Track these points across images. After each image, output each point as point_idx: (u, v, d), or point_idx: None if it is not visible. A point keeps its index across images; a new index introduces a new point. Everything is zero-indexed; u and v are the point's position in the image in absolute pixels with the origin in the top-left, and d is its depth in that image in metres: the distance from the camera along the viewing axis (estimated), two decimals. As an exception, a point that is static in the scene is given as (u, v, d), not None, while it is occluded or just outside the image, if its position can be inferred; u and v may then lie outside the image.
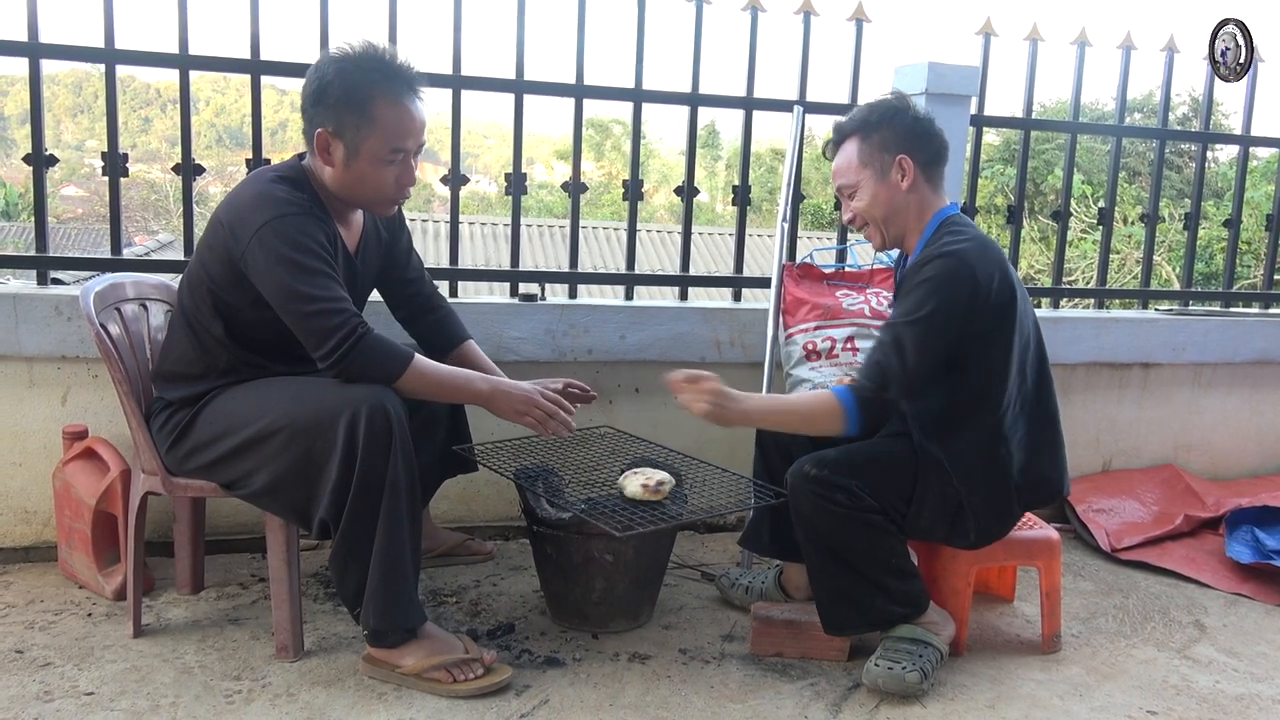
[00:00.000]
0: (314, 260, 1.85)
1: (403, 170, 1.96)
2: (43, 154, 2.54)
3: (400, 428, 1.86)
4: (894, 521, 2.01)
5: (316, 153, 1.93)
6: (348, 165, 1.92)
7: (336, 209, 2.01)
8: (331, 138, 1.90)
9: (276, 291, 1.85)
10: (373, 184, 1.95)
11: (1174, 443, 3.39)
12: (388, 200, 2.00)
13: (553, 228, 12.51)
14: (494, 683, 1.93)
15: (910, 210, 2.09)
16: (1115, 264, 10.20)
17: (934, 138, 2.09)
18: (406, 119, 1.91)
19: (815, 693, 2.01)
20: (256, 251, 1.84)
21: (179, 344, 2.03)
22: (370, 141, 1.89)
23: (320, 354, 1.86)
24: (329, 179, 1.95)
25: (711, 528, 2.94)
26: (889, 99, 2.12)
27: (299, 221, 1.86)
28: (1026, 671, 2.14)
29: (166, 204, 18.76)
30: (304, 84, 1.93)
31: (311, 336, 1.86)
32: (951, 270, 1.94)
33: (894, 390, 1.93)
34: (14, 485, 2.51)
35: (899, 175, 2.06)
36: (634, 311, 2.82)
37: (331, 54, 1.92)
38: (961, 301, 1.93)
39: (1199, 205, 3.53)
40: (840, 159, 2.13)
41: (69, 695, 1.87)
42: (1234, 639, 2.37)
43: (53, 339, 2.44)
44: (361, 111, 1.87)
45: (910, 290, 1.97)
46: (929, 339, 1.93)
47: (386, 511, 1.86)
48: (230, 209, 1.91)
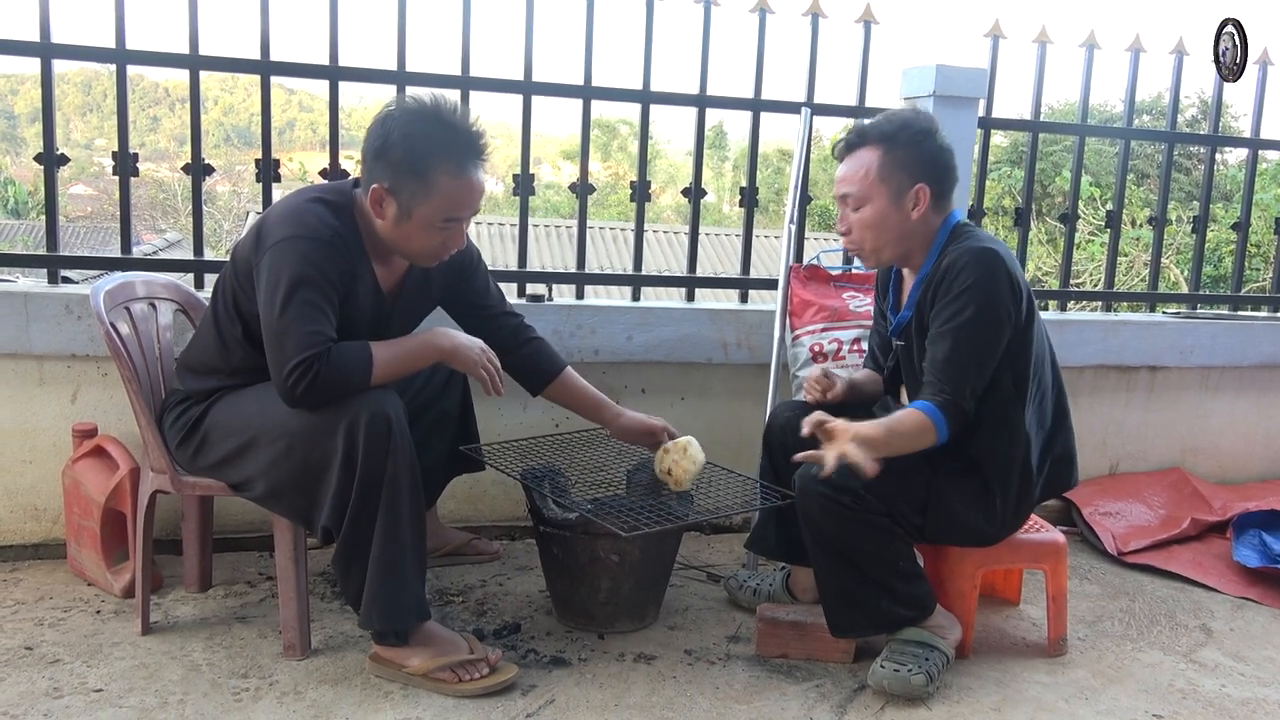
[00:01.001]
0: (309, 292, 1.81)
1: (453, 236, 1.93)
2: (54, 153, 2.55)
3: (400, 432, 1.86)
4: (900, 525, 2.01)
5: (370, 204, 1.89)
6: (398, 224, 1.89)
7: (377, 246, 1.98)
8: (386, 194, 1.87)
9: (263, 309, 1.84)
10: (419, 244, 1.92)
11: (1181, 446, 3.38)
12: (431, 257, 1.97)
13: (559, 228, 12.52)
14: (500, 682, 1.93)
15: (917, 237, 2.06)
16: (1123, 267, 10.17)
17: (951, 170, 2.07)
18: (466, 192, 1.89)
19: (820, 694, 2.01)
20: (265, 264, 1.85)
21: (205, 336, 2.05)
22: (425, 208, 1.87)
23: (282, 383, 1.81)
24: (377, 227, 1.93)
25: (717, 529, 2.94)
26: (919, 117, 2.05)
27: (313, 248, 1.83)
28: (1032, 674, 2.14)
29: (175, 203, 18.81)
30: (367, 134, 1.89)
31: (274, 368, 1.82)
32: (989, 269, 1.94)
33: (969, 395, 1.94)
34: (24, 482, 2.52)
35: (912, 204, 2.03)
36: (641, 312, 2.82)
37: (400, 108, 1.88)
38: (1005, 296, 1.95)
39: (1207, 208, 3.52)
40: (853, 164, 2.05)
41: (78, 692, 1.88)
42: (1241, 643, 2.36)
43: (63, 337, 2.45)
44: (421, 178, 1.85)
45: (951, 296, 1.95)
46: (991, 338, 1.94)
47: (385, 513, 1.86)
48: (266, 217, 1.92)
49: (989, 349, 1.95)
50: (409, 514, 1.89)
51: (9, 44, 2.50)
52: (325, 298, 1.84)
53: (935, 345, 1.97)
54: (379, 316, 2.03)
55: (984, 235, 2.04)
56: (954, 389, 1.93)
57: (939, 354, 1.96)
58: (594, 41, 2.82)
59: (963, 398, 1.93)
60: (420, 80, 2.72)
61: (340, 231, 1.88)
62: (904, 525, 2.01)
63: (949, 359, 1.94)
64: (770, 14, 2.92)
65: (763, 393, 2.71)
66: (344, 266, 1.89)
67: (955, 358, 1.93)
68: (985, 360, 1.95)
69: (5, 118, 29.23)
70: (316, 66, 2.65)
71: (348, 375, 1.84)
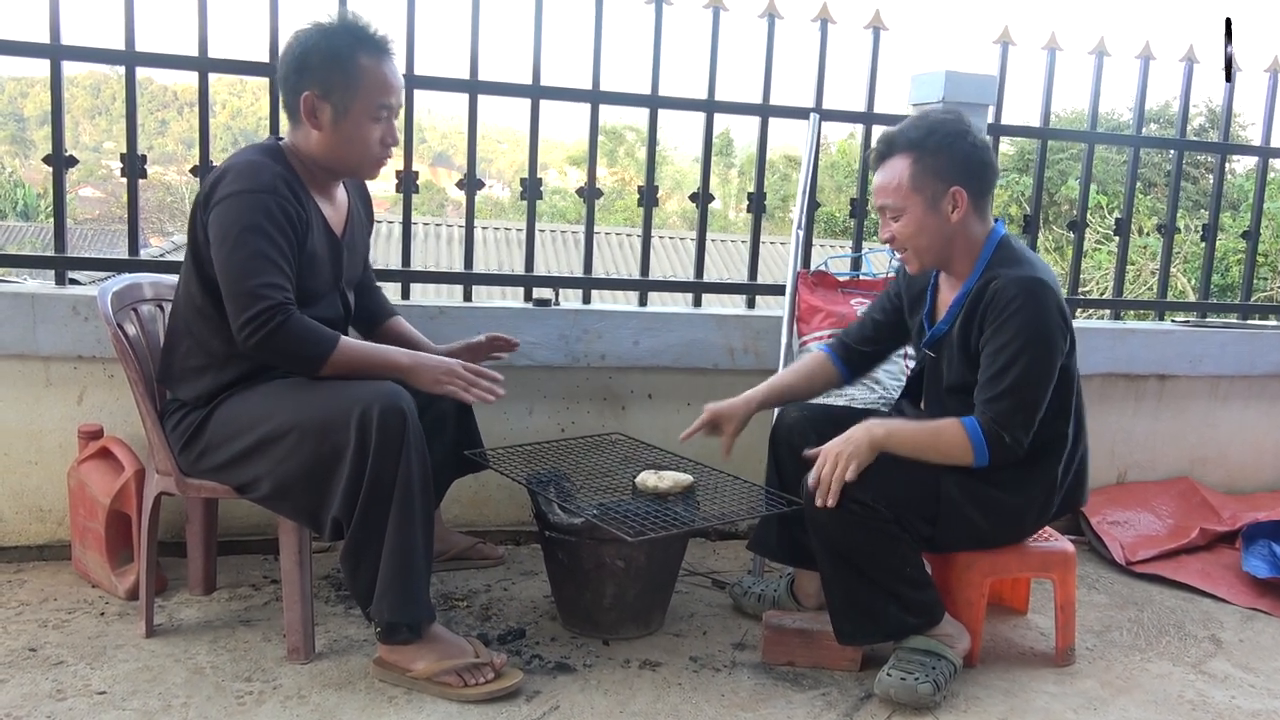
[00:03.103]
0: (263, 241, 1.86)
1: (386, 129, 2.02)
2: (63, 155, 2.56)
3: (414, 425, 1.87)
4: (909, 533, 2.00)
5: (303, 118, 1.97)
6: (336, 126, 1.97)
7: (320, 183, 2.05)
8: (318, 100, 1.95)
9: (218, 264, 1.88)
10: (360, 143, 1.99)
11: (1190, 455, 3.36)
12: (374, 160, 2.05)
13: (565, 233, 12.53)
14: (504, 687, 1.93)
15: (958, 240, 2.05)
16: (1130, 275, 10.14)
17: (988, 168, 2.04)
18: (389, 76, 1.99)
19: (827, 703, 1.99)
20: (214, 219, 1.88)
21: (180, 339, 2.04)
22: (358, 100, 1.95)
23: (239, 325, 1.84)
24: (315, 144, 1.99)
25: (723, 535, 2.93)
26: (948, 119, 2.03)
27: (265, 199, 1.88)
28: (1040, 684, 2.13)
29: (182, 205, 18.86)
30: (282, 55, 1.99)
31: (233, 317, 1.86)
32: (1040, 303, 1.94)
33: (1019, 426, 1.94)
34: (30, 484, 2.52)
35: (950, 207, 2.01)
36: (648, 317, 2.82)
37: (306, 26, 1.98)
38: (1057, 332, 1.95)
39: (1217, 216, 3.50)
40: (888, 175, 2.03)
41: (81, 694, 1.88)
42: (1250, 654, 2.34)
43: (70, 339, 2.46)
44: (345, 71, 1.94)
45: (1000, 324, 1.95)
46: (1045, 373, 1.95)
47: (399, 506, 1.87)
48: (207, 183, 1.95)
49: (1042, 383, 1.96)
50: (421, 507, 1.90)
51: (19, 45, 2.51)
52: (280, 249, 1.89)
53: (989, 376, 1.97)
54: (334, 255, 2.08)
55: (1031, 258, 2.03)
56: (1003, 420, 1.94)
57: (994, 387, 1.95)
58: (602, 46, 2.82)
59: (1009, 429, 1.94)
60: (428, 84, 2.73)
61: (284, 176, 1.94)
62: (912, 533, 2.00)
63: (1003, 391, 1.94)
64: (779, 19, 2.92)
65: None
66: (298, 211, 1.94)
67: (1009, 389, 1.93)
68: (1039, 393, 1.96)
69: (14, 120, 29.35)
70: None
71: (304, 340, 1.88)
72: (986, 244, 2.06)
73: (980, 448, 1.95)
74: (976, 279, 2.04)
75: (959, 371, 2.06)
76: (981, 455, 1.95)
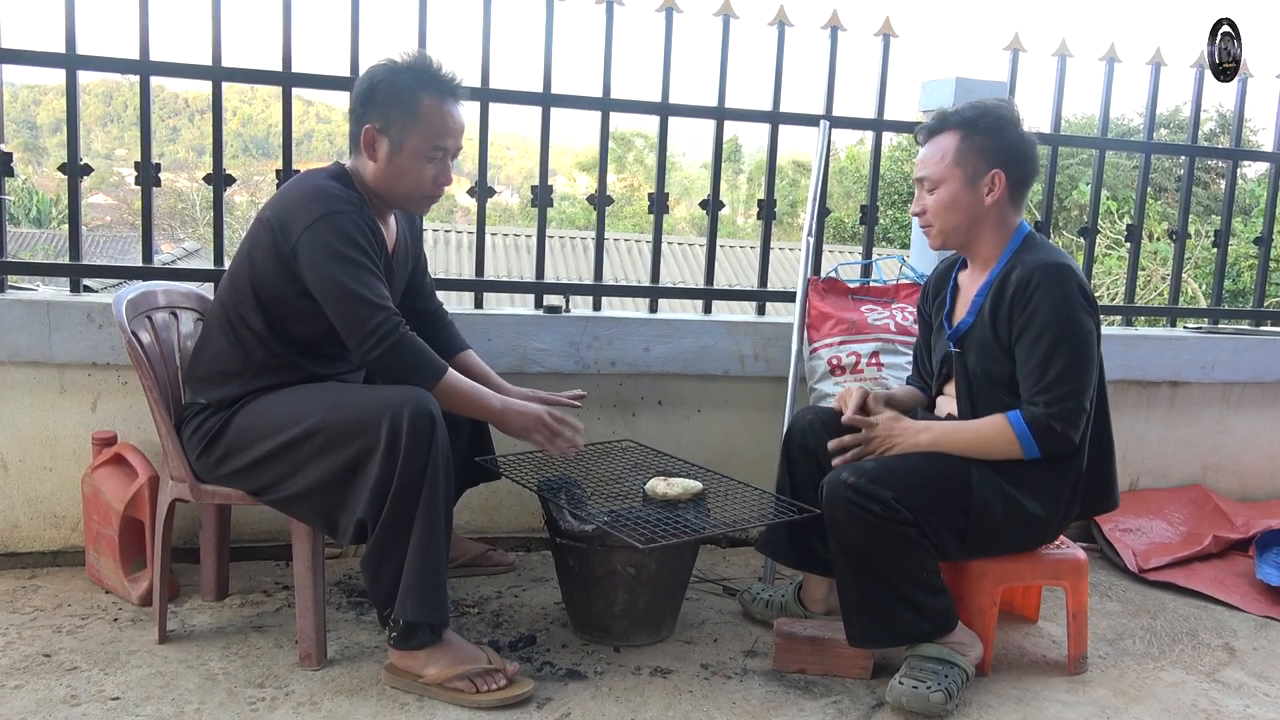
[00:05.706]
0: (362, 256, 1.93)
1: (441, 169, 2.06)
2: (77, 163, 2.58)
3: (441, 428, 1.90)
4: (927, 536, 1.99)
5: (363, 149, 2.02)
6: (390, 160, 2.01)
7: (377, 209, 2.09)
8: (378, 134, 2.00)
9: (325, 285, 1.91)
10: (412, 179, 2.04)
11: (1202, 462, 3.35)
12: (424, 197, 2.09)
13: (575, 239, 12.56)
14: (516, 694, 1.93)
15: (987, 224, 2.08)
16: (1140, 281, 10.11)
17: (1031, 160, 2.08)
18: (448, 119, 2.03)
19: (838, 710, 1.99)
20: (307, 245, 1.91)
21: (215, 343, 2.06)
22: (414, 137, 2.00)
23: (361, 345, 1.91)
24: (371, 174, 2.04)
25: (734, 542, 2.92)
26: (1002, 106, 2.08)
27: (350, 218, 1.94)
28: (1053, 693, 2.12)
29: (193, 212, 18.99)
30: (354, 88, 2.05)
31: (354, 329, 1.92)
32: (1059, 275, 1.96)
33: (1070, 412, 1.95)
34: (44, 490, 2.54)
35: (987, 189, 2.05)
36: (658, 324, 2.82)
37: (382, 62, 2.04)
38: (1079, 297, 1.97)
39: (1229, 222, 3.49)
40: (933, 148, 2.09)
41: (95, 700, 1.88)
42: (1264, 663, 2.33)
43: (84, 346, 2.47)
44: (407, 108, 1.99)
45: (1030, 310, 1.97)
46: (1085, 344, 1.96)
47: (425, 507, 1.88)
48: (279, 206, 1.98)
49: (1086, 366, 1.97)
50: (445, 511, 1.92)
51: (36, 55, 2.52)
52: (374, 262, 1.96)
53: (1030, 368, 1.97)
54: (387, 277, 2.11)
55: (1054, 249, 2.06)
56: (1054, 410, 1.94)
57: (1039, 379, 1.96)
58: (613, 53, 2.83)
59: (1059, 418, 1.94)
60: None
61: (354, 200, 1.99)
62: (932, 539, 2.00)
63: (1050, 383, 1.95)
64: (789, 27, 2.93)
65: (780, 405, 2.71)
66: (375, 229, 2.00)
67: (1055, 380, 1.94)
68: (1085, 379, 1.97)
69: (28, 128, 29.56)
70: (339, 78, 2.66)
71: (421, 355, 1.96)
72: (1015, 235, 2.09)
73: (1028, 441, 1.96)
74: (1001, 267, 2.06)
75: (989, 362, 2.07)
76: (1030, 448, 1.97)
